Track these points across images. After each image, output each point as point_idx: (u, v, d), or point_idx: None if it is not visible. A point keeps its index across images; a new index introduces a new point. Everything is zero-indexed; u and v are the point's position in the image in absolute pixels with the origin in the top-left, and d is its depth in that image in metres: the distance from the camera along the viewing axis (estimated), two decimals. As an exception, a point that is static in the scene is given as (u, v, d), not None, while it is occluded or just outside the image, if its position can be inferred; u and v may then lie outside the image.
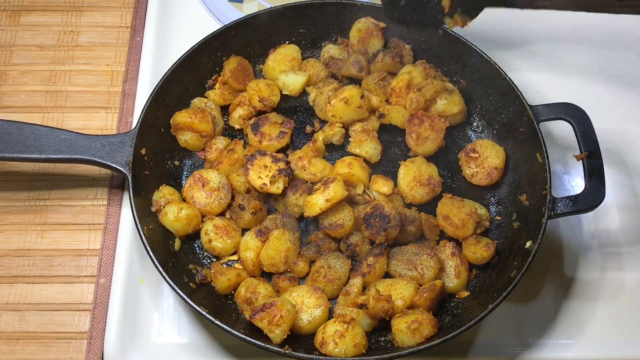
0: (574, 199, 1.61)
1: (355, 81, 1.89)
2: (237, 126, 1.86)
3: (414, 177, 1.74)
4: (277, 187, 1.64)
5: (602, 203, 1.61)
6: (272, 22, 1.91)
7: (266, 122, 1.81)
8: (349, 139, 1.82)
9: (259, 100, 1.84)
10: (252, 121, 1.83)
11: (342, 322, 1.51)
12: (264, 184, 1.65)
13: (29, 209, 1.84)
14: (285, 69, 1.89)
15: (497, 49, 1.88)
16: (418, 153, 1.80)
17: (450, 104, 1.80)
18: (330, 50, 1.95)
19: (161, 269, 1.53)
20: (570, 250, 1.80)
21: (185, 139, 1.80)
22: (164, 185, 1.73)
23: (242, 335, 1.47)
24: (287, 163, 1.69)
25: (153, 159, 1.75)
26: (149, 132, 1.74)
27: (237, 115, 1.85)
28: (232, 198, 1.74)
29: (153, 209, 1.68)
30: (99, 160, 1.66)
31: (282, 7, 1.89)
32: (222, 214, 1.74)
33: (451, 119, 1.82)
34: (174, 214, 1.65)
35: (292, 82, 1.87)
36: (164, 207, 1.67)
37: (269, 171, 1.67)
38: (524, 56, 2.05)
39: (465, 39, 1.83)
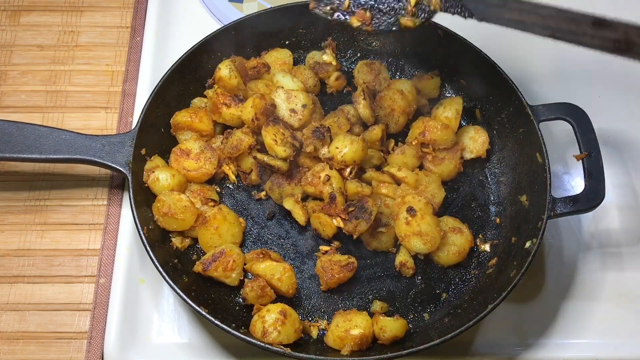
0: (574, 199, 1.61)
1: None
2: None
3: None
4: (284, 150, 1.67)
5: (602, 203, 1.61)
6: (272, 22, 1.91)
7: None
8: None
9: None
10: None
11: (277, 311, 1.53)
12: (275, 140, 1.68)
13: (29, 209, 1.85)
14: (275, 72, 1.89)
15: (497, 49, 1.88)
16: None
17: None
18: (315, 56, 1.95)
19: (161, 269, 1.53)
20: (570, 250, 1.80)
21: (185, 138, 1.80)
22: (156, 156, 1.75)
23: (242, 335, 1.47)
24: (301, 145, 1.72)
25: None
26: (149, 132, 1.74)
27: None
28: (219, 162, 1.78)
29: (145, 178, 1.69)
30: (99, 160, 1.66)
31: (282, 7, 1.89)
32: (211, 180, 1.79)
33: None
34: (166, 180, 1.69)
35: (286, 85, 1.86)
36: (153, 172, 1.70)
37: (284, 137, 1.70)
38: (523, 56, 2.05)
39: (465, 39, 1.83)
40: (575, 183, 1.88)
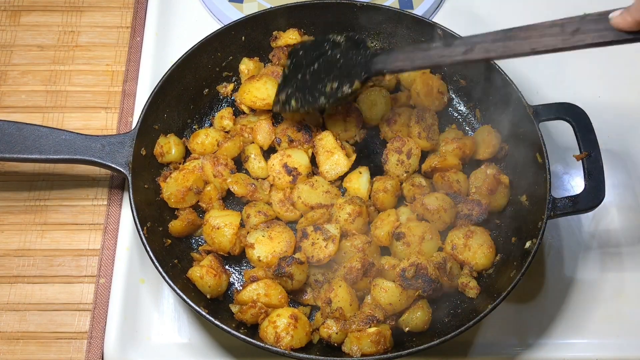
0: (574, 199, 1.61)
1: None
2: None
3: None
4: None
5: (602, 203, 1.61)
6: (272, 23, 1.91)
7: None
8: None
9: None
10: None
11: (288, 316, 1.52)
12: None
13: (29, 209, 1.85)
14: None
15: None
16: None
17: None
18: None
19: (161, 269, 1.53)
20: (570, 250, 1.80)
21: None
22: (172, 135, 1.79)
23: (242, 336, 1.47)
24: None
25: (153, 159, 1.75)
26: (149, 132, 1.74)
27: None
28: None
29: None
30: (99, 161, 1.66)
31: (282, 8, 1.89)
32: None
33: None
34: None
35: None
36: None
37: None
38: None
39: (465, 39, 1.83)
40: (575, 183, 1.88)
